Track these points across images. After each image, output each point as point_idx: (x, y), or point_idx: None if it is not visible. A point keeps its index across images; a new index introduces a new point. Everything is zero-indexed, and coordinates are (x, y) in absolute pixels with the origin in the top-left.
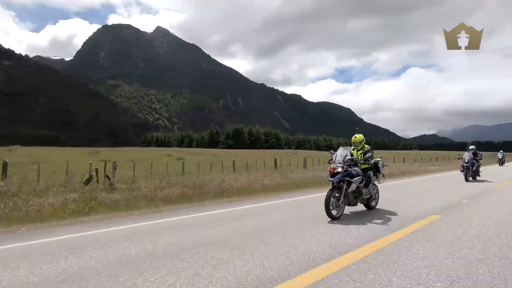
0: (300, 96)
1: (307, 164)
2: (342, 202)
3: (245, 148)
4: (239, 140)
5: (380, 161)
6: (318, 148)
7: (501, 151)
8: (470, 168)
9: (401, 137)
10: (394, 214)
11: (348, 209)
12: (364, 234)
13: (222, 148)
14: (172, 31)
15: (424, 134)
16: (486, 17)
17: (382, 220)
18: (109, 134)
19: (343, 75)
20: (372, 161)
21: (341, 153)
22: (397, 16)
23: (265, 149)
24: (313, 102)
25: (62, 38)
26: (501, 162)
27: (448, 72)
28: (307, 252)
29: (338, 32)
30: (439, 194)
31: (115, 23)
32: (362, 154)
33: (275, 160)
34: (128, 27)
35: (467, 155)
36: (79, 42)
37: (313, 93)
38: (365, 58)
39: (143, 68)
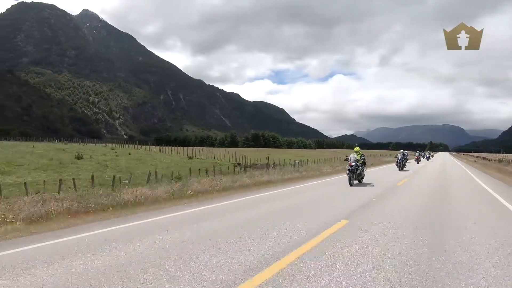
0: (238, 94)
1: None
2: (354, 178)
3: (261, 147)
4: (257, 142)
5: (365, 160)
6: (299, 147)
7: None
8: (401, 163)
9: (327, 136)
10: (373, 184)
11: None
12: (368, 190)
13: (244, 147)
14: (102, 16)
15: (345, 134)
16: (393, 37)
17: (371, 186)
18: (44, 128)
19: (278, 77)
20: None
21: (353, 156)
22: (325, 27)
23: (273, 148)
24: (250, 101)
25: None
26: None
27: (364, 80)
28: (354, 200)
29: (274, 35)
30: (391, 176)
31: (34, 1)
32: (360, 157)
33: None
34: (52, 7)
35: (399, 155)
36: None
37: (250, 92)
38: (298, 62)
39: (73, 56)
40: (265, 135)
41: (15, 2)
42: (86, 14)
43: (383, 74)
